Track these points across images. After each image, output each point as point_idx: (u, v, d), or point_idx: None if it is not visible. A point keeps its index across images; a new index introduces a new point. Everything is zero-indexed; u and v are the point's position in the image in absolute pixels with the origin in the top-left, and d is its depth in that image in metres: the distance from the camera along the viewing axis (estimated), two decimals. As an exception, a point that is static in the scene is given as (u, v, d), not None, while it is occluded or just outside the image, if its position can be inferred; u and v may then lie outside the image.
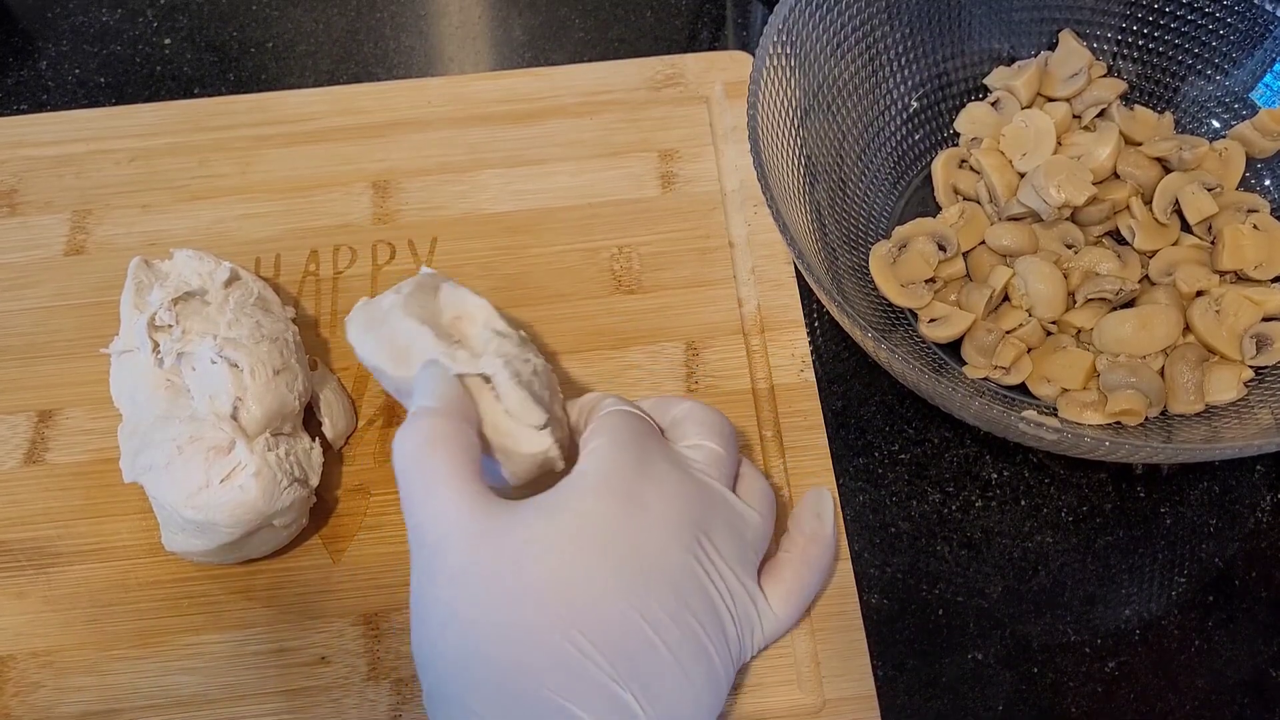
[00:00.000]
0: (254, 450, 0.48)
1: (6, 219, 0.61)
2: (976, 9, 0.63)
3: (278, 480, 0.48)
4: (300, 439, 0.51)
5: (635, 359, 0.57)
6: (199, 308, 0.51)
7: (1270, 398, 0.53)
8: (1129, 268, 0.57)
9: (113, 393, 0.52)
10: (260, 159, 0.63)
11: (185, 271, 0.54)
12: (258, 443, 0.48)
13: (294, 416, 0.51)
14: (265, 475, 0.47)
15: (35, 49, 0.71)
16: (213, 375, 0.49)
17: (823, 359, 0.58)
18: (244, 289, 0.53)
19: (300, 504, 0.49)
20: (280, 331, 0.52)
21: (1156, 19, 0.62)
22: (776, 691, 0.49)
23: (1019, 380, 0.55)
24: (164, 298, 0.51)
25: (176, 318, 0.50)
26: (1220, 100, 0.62)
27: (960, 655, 0.51)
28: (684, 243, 0.60)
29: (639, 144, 0.64)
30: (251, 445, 0.48)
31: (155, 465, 0.48)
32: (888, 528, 0.54)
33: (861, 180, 0.61)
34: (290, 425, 0.51)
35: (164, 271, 0.54)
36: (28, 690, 0.48)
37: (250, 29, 0.72)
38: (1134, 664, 0.51)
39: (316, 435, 0.52)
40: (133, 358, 0.51)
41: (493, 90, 0.66)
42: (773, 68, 0.55)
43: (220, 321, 0.51)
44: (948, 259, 0.58)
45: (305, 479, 0.50)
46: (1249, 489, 0.55)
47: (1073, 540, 0.54)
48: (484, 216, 0.61)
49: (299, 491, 0.49)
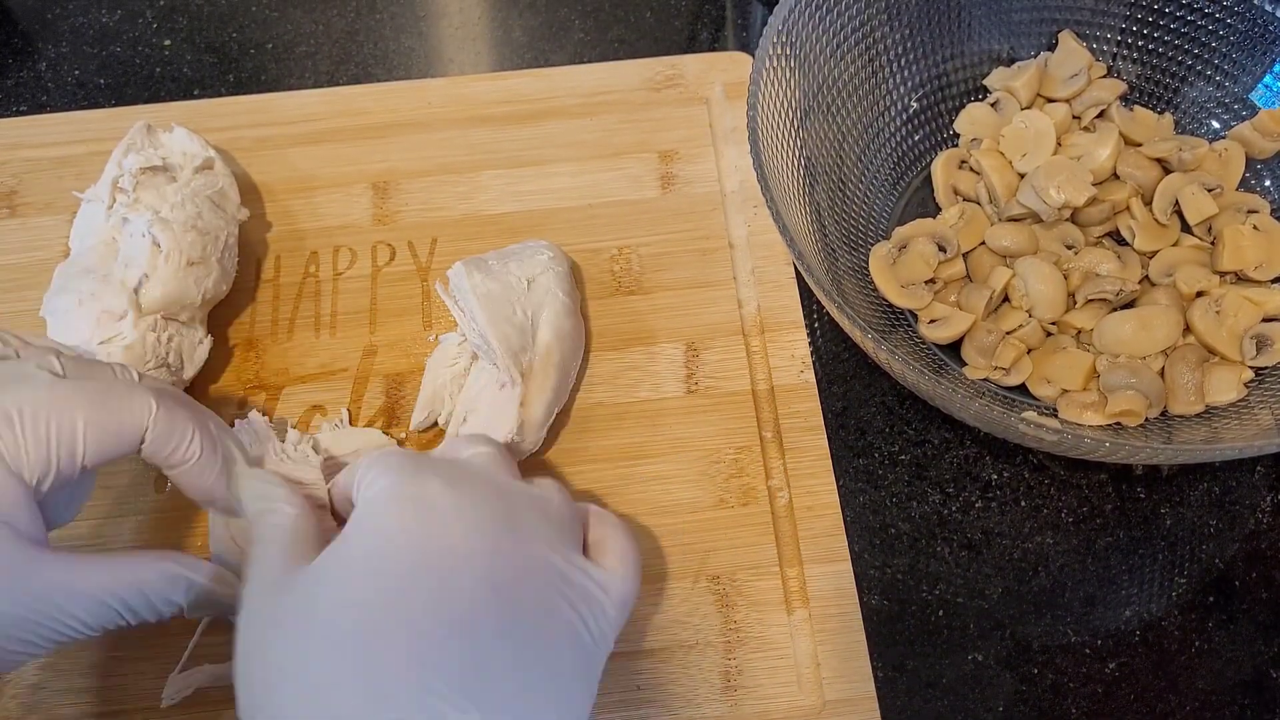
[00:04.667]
0: (138, 326, 0.51)
1: (6, 220, 0.61)
2: (976, 9, 0.63)
3: (145, 360, 0.51)
4: (193, 331, 0.54)
5: (635, 360, 0.57)
6: (161, 183, 0.55)
7: (1270, 398, 0.53)
8: (1129, 268, 0.57)
9: (72, 231, 0.56)
10: (260, 160, 0.63)
11: (174, 147, 0.58)
12: (145, 320, 0.51)
13: (194, 309, 0.54)
14: (135, 351, 0.51)
15: (35, 50, 0.71)
16: (137, 246, 0.52)
17: (823, 360, 0.58)
18: (209, 180, 0.57)
19: None
20: (218, 229, 0.55)
21: (1156, 20, 0.62)
22: (776, 693, 0.49)
23: (1019, 381, 0.55)
24: (136, 164, 0.55)
25: (135, 185, 0.54)
26: (1220, 101, 0.62)
27: (960, 656, 0.51)
28: (684, 244, 0.60)
29: (639, 145, 0.64)
30: (139, 321, 0.51)
31: (58, 309, 0.51)
32: (888, 528, 0.54)
33: (861, 181, 0.61)
34: (188, 315, 0.54)
35: (161, 141, 0.58)
36: (28, 691, 0.48)
37: (250, 30, 0.72)
38: (1134, 665, 0.51)
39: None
40: (95, 207, 0.55)
41: (493, 91, 0.66)
42: (773, 68, 0.55)
43: (168, 201, 0.54)
44: (948, 260, 0.58)
45: (179, 368, 0.53)
46: (1249, 490, 0.55)
47: (1073, 541, 0.54)
48: (484, 217, 0.61)
49: (164, 376, 0.52)
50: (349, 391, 0.56)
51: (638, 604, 0.50)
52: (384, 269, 0.60)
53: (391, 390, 0.56)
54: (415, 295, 0.59)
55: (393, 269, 0.60)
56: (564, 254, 0.57)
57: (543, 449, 0.54)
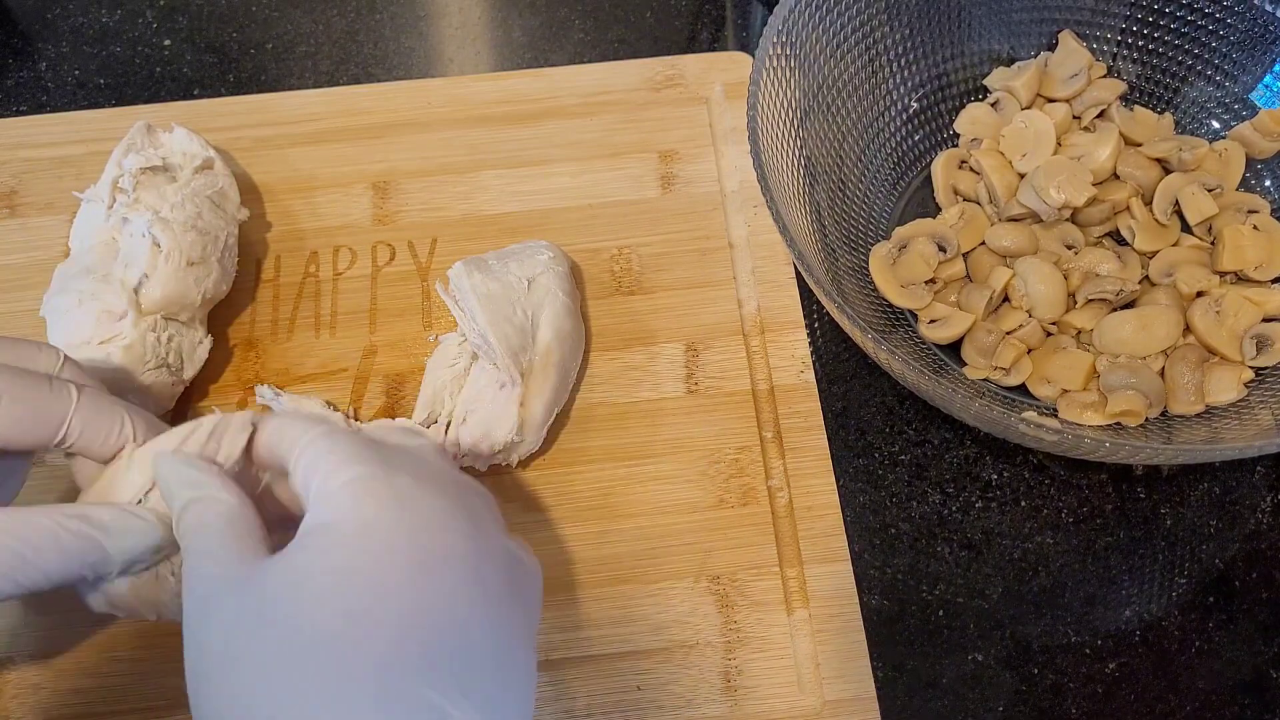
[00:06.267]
0: (138, 326, 0.51)
1: (6, 220, 0.61)
2: (976, 9, 0.63)
3: (145, 360, 0.51)
4: (193, 331, 0.54)
5: (635, 360, 0.57)
6: (161, 182, 0.55)
7: (1270, 398, 0.53)
8: (1129, 268, 0.57)
9: (71, 230, 0.56)
10: (260, 160, 0.63)
11: (175, 147, 0.58)
12: (145, 320, 0.51)
13: (194, 309, 0.54)
14: (135, 351, 0.51)
15: (35, 50, 0.71)
16: (137, 246, 0.53)
17: (823, 360, 0.58)
18: (209, 180, 0.57)
19: (163, 388, 0.52)
20: (218, 229, 0.55)
21: (1156, 20, 0.62)
22: (777, 693, 0.49)
23: (1019, 381, 0.55)
24: (136, 164, 0.55)
25: (135, 184, 0.54)
26: (1220, 101, 0.62)
27: (960, 656, 0.51)
28: (684, 244, 0.60)
29: (639, 145, 0.64)
30: (139, 321, 0.51)
31: (59, 308, 0.51)
32: (888, 529, 0.54)
33: (861, 181, 0.61)
34: (188, 315, 0.54)
35: (161, 141, 0.58)
36: (28, 692, 0.48)
37: (250, 30, 0.72)
38: (1134, 665, 0.51)
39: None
40: (95, 207, 0.55)
41: (493, 91, 0.66)
42: (773, 68, 0.55)
43: (168, 201, 0.54)
44: (948, 260, 0.58)
45: (179, 368, 0.53)
46: (1249, 490, 0.55)
47: (1073, 541, 0.54)
48: (484, 217, 0.61)
49: (164, 376, 0.52)
50: (349, 391, 0.56)
51: (638, 604, 0.51)
52: (384, 269, 0.60)
53: (391, 390, 0.56)
54: (415, 295, 0.59)
55: (393, 269, 0.60)
56: (564, 254, 0.57)
57: (542, 449, 0.54)
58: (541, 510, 0.53)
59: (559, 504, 0.53)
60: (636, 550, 0.52)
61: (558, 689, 0.49)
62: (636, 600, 0.51)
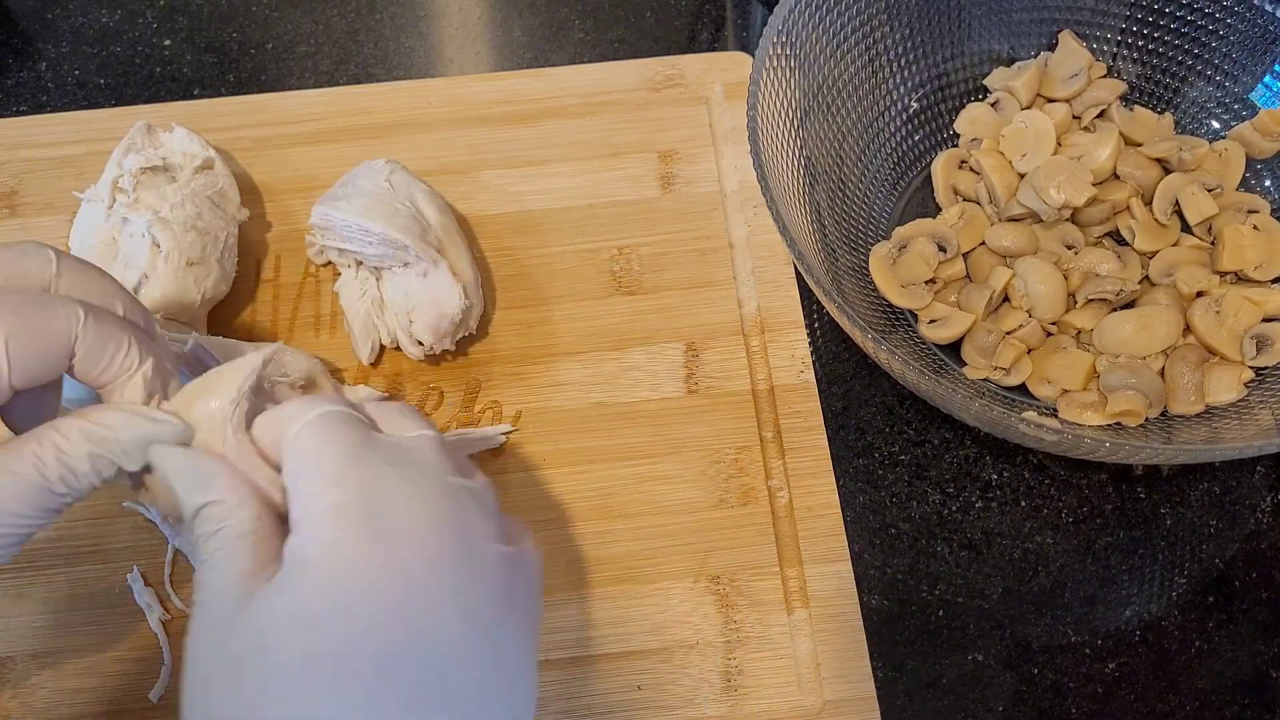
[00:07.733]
0: None
1: (6, 220, 0.61)
2: (976, 9, 0.63)
3: None
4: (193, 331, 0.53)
5: (635, 360, 0.57)
6: (161, 183, 0.55)
7: (1270, 398, 0.53)
8: (1129, 268, 0.57)
9: (72, 231, 0.56)
10: (260, 160, 0.63)
11: (175, 146, 0.58)
12: None
13: (194, 309, 0.54)
14: None
15: (35, 50, 0.71)
16: (137, 247, 0.53)
17: (822, 360, 0.58)
18: (209, 180, 0.57)
19: None
20: (218, 229, 0.55)
21: (1156, 20, 0.62)
22: (776, 693, 0.49)
23: (1019, 381, 0.55)
24: (136, 165, 0.55)
25: (135, 184, 0.54)
26: (1220, 101, 0.62)
27: (960, 656, 0.51)
28: (684, 244, 0.60)
29: (639, 145, 0.64)
30: None
31: None
32: (888, 529, 0.54)
33: (861, 181, 0.61)
34: (188, 315, 0.54)
35: (161, 141, 0.58)
36: (28, 692, 0.48)
37: (250, 30, 0.72)
38: (1134, 665, 0.51)
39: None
40: (95, 207, 0.55)
41: (493, 91, 0.66)
42: (773, 68, 0.55)
43: (168, 201, 0.54)
44: (948, 260, 0.58)
45: None
46: (1249, 490, 0.55)
47: (1073, 541, 0.54)
48: (484, 217, 0.61)
49: None
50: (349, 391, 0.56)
51: (638, 604, 0.51)
52: (384, 269, 0.60)
53: (392, 390, 0.56)
54: (415, 295, 0.59)
55: (393, 269, 0.60)
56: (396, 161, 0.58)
57: (542, 449, 0.54)
58: (541, 510, 0.53)
59: (559, 504, 0.53)
60: (636, 550, 0.52)
61: (558, 689, 0.49)
62: (636, 600, 0.51)
